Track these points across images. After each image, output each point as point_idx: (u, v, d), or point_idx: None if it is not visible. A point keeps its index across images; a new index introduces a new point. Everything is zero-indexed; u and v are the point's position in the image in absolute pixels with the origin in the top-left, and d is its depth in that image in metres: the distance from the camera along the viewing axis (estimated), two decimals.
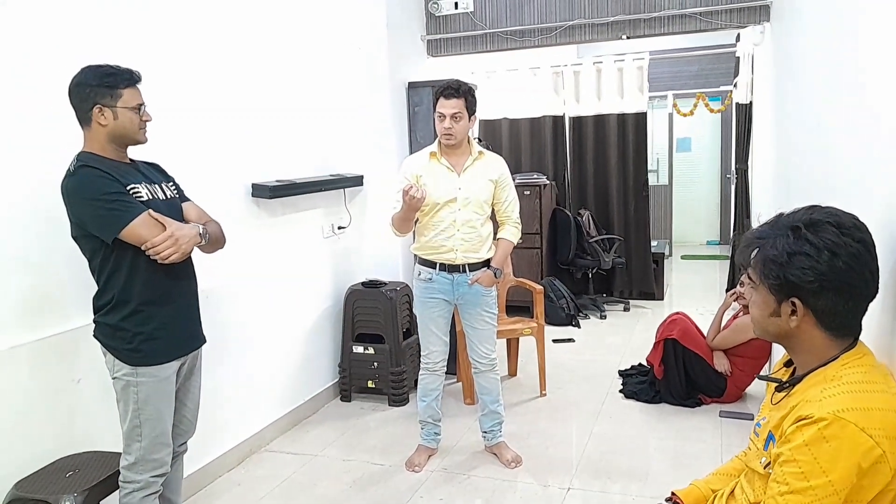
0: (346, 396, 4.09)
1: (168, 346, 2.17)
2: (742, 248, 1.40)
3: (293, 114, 3.74)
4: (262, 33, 3.48)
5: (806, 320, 1.30)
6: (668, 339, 3.86)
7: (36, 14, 2.31)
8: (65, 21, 2.41)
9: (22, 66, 2.27)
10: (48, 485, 2.14)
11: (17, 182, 2.24)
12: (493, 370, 3.22)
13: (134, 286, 2.08)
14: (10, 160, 2.23)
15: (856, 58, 1.88)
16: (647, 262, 6.14)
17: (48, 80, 2.31)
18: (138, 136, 2.12)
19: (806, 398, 1.27)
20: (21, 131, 2.26)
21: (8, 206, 2.22)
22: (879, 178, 1.52)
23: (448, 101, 2.95)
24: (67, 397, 2.42)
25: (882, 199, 1.48)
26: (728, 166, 8.12)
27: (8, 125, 2.22)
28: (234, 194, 3.30)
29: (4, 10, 2.21)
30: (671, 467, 3.16)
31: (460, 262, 3.05)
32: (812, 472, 1.19)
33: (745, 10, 4.29)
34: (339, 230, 4.16)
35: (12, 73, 2.24)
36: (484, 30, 4.75)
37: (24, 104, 2.27)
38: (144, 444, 2.13)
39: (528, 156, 6.13)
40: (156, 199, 2.15)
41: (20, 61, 2.26)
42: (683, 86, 8.30)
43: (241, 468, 3.29)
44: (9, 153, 2.22)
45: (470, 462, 3.27)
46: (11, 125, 2.23)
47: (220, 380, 3.13)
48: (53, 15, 2.37)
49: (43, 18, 2.34)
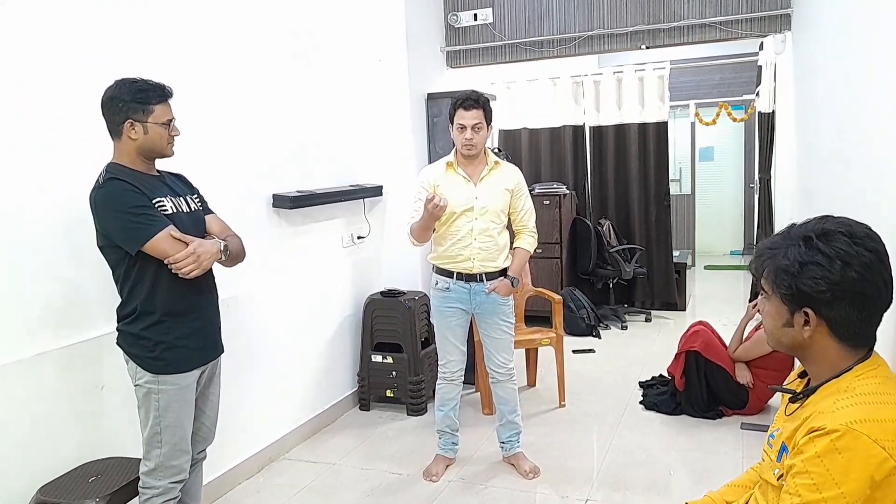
0: (364, 405, 4.11)
1: (189, 356, 2.22)
2: (754, 258, 1.40)
3: (314, 125, 3.79)
4: (283, 45, 3.54)
5: (819, 331, 1.29)
6: (690, 351, 3.82)
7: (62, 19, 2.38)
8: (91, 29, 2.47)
9: (51, 76, 2.33)
10: (71, 490, 2.19)
11: (45, 192, 2.30)
12: (510, 380, 3.22)
13: (156, 297, 2.13)
14: (39, 170, 2.29)
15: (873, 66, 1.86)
16: (669, 272, 6.09)
17: (79, 92, 2.38)
18: (166, 150, 2.18)
19: (819, 409, 1.26)
20: (50, 142, 2.32)
21: (36, 216, 2.28)
22: None
23: (468, 113, 2.98)
24: (91, 404, 2.47)
25: None
26: (751, 176, 8.04)
27: (37, 136, 2.29)
28: (256, 205, 3.35)
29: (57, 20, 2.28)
30: (691, 480, 3.13)
31: (477, 272, 3.07)
32: (824, 484, 1.18)
33: (765, 20, 4.26)
34: (358, 240, 4.20)
35: (42, 84, 2.30)
36: (503, 41, 4.77)
37: (54, 117, 2.34)
38: (164, 451, 2.17)
39: (548, 165, 6.13)
40: (180, 212, 2.20)
41: (50, 72, 2.33)
42: (706, 95, 8.25)
43: (261, 476, 3.32)
44: (37, 163, 2.28)
45: (487, 472, 3.26)
46: (41, 136, 2.30)
47: (241, 388, 3.17)
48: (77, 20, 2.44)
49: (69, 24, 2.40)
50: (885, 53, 1.73)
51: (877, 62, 1.82)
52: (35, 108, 2.28)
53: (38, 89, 2.29)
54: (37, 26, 2.29)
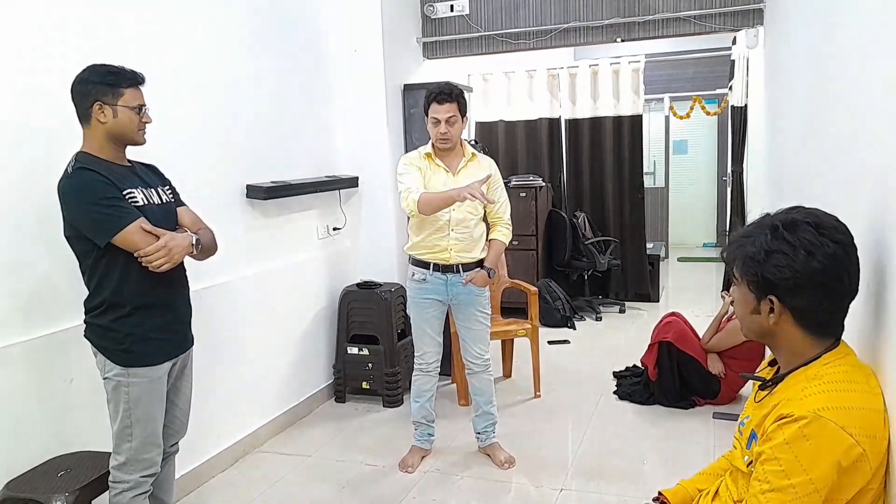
0: (340, 397, 4.09)
1: (159, 348, 2.18)
2: (727, 246, 1.42)
3: (289, 115, 3.75)
4: (257, 34, 3.49)
5: (784, 318, 1.31)
6: (662, 342, 3.87)
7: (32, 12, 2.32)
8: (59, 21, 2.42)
9: (19, 65, 2.28)
10: (39, 485, 2.15)
11: (10, 181, 2.25)
12: (486, 371, 3.23)
13: (125, 289, 2.09)
14: (3, 159, 2.23)
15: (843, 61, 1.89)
16: (643, 264, 6.15)
17: (44, 80, 2.33)
18: (137, 136, 2.13)
19: (787, 397, 1.28)
20: (15, 130, 2.27)
21: (4, 205, 2.23)
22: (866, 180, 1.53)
23: (442, 107, 2.97)
24: (60, 397, 2.42)
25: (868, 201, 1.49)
26: (724, 169, 8.14)
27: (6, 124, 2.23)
28: (229, 195, 3.30)
29: None
30: (664, 468, 3.17)
31: (454, 262, 3.07)
32: (792, 470, 1.20)
33: (738, 14, 4.30)
34: (334, 231, 4.17)
35: (11, 73, 2.25)
36: (479, 32, 4.76)
37: (19, 104, 2.28)
38: (135, 445, 2.14)
39: (524, 158, 6.15)
40: (151, 203, 2.16)
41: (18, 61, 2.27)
42: (680, 88, 8.33)
43: (235, 469, 3.29)
44: (2, 152, 2.23)
45: (463, 463, 3.27)
46: (4, 124, 2.24)
47: (214, 381, 3.13)
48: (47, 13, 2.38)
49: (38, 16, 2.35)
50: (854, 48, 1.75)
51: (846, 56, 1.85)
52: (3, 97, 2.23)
53: (6, 78, 2.23)
54: (2, 14, 2.23)
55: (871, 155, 1.50)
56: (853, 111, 1.71)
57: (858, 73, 1.67)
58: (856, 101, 1.68)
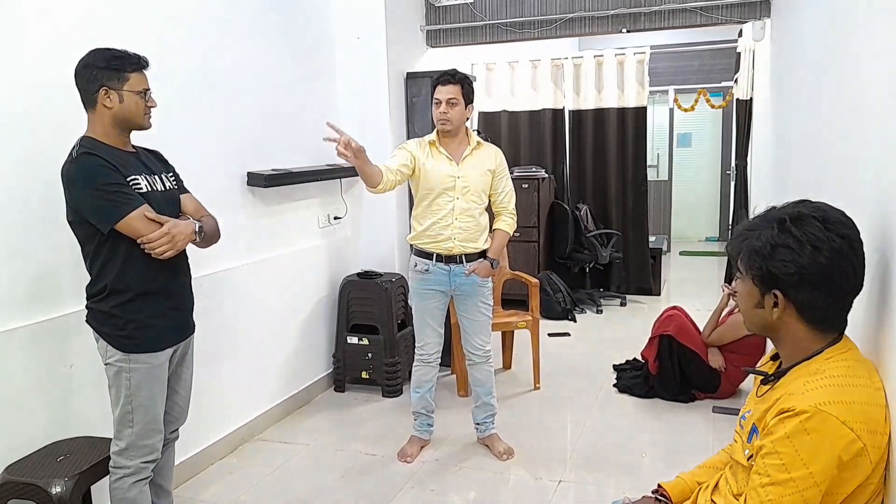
0: (340, 387, 4.09)
1: (161, 335, 2.18)
2: (732, 239, 1.41)
3: (290, 102, 3.73)
4: (259, 21, 3.47)
5: (788, 313, 1.30)
6: (663, 336, 3.87)
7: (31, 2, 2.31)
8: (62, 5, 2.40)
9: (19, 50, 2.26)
10: (39, 469, 2.15)
11: (13, 165, 2.24)
12: (487, 362, 3.23)
13: (128, 275, 2.08)
14: (6, 143, 2.22)
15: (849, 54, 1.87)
16: (645, 257, 6.14)
17: (46, 65, 2.31)
18: (142, 121, 2.12)
19: (789, 391, 1.27)
20: (17, 115, 2.26)
21: (6, 189, 2.22)
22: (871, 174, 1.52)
23: (444, 88, 2.97)
24: (60, 382, 2.42)
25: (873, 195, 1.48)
26: (728, 162, 8.11)
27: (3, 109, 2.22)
28: (230, 182, 3.29)
29: None
30: (663, 461, 3.17)
31: (458, 252, 3.06)
32: (793, 464, 1.20)
33: (745, 6, 4.27)
34: (335, 220, 4.16)
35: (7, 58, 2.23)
36: (483, 21, 4.73)
37: (21, 88, 2.27)
38: (136, 430, 2.14)
39: (527, 149, 6.12)
40: (154, 190, 2.15)
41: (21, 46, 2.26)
42: (685, 81, 8.28)
43: (234, 456, 3.30)
44: (4, 137, 2.22)
45: (462, 454, 3.28)
46: (6, 109, 2.23)
47: (215, 368, 3.13)
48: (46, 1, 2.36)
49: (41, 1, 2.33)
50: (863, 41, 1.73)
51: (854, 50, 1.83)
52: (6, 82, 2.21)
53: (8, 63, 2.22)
54: (4, 2, 2.22)
55: (877, 149, 1.48)
56: (860, 105, 1.70)
57: (866, 66, 1.65)
58: (863, 96, 1.66)
